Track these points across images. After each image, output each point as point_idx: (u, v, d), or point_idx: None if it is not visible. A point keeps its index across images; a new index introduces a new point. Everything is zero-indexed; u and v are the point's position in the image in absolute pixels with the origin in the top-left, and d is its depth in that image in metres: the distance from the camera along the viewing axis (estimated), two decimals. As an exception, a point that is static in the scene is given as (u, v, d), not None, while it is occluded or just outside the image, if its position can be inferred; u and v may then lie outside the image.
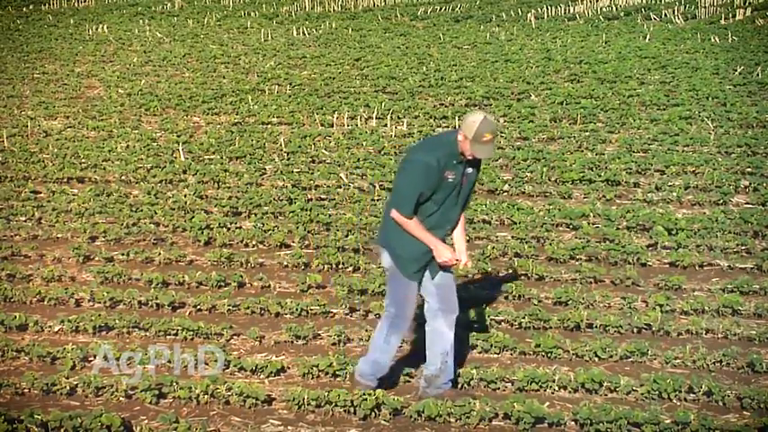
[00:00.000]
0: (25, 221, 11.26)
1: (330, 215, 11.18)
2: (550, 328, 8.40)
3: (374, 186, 12.19)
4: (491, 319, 8.52)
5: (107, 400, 7.26)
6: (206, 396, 7.18)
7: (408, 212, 6.82)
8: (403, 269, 6.96)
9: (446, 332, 7.07)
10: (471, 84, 18.00)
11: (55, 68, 20.66)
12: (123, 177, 12.83)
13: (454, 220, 7.04)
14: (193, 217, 11.11)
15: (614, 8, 28.80)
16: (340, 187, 12.25)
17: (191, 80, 19.16)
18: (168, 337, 8.32)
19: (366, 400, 6.99)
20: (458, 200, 6.95)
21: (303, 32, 25.00)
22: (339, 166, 13.12)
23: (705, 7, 28.12)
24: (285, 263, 9.92)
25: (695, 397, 7.22)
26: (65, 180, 12.79)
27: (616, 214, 10.99)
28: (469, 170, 6.91)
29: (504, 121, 15.46)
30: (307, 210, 11.28)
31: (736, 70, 18.70)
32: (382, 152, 13.75)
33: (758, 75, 18.26)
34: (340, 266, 9.79)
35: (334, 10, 29.77)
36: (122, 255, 10.13)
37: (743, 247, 10.07)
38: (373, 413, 6.98)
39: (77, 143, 14.52)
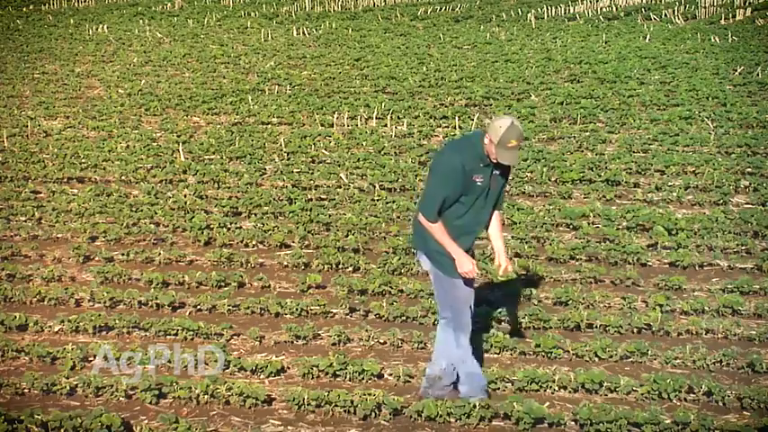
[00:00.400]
0: (25, 221, 11.26)
1: (330, 215, 11.18)
2: (550, 328, 8.40)
3: (374, 186, 12.19)
4: (491, 320, 8.52)
5: (107, 400, 7.26)
6: (206, 396, 7.18)
7: (432, 217, 6.72)
8: (444, 269, 6.83)
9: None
10: (471, 84, 18.00)
11: (55, 68, 20.67)
12: (123, 177, 12.83)
13: (485, 221, 6.93)
14: (193, 217, 11.11)
15: (614, 8, 28.82)
16: (340, 187, 12.25)
17: (191, 80, 19.17)
18: (168, 337, 8.32)
19: (366, 400, 6.99)
20: (486, 202, 6.83)
21: (303, 32, 25.00)
22: (339, 166, 13.12)
23: (705, 7, 28.13)
24: (285, 263, 9.92)
25: (695, 397, 7.22)
26: (65, 180, 12.80)
27: (616, 214, 10.98)
28: (497, 172, 6.79)
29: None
30: (307, 210, 11.28)
31: (736, 70, 18.70)
32: (382, 152, 13.75)
33: (758, 75, 18.26)
34: (340, 266, 9.79)
35: (334, 10, 29.78)
36: (122, 255, 10.13)
37: (743, 247, 10.07)
38: (373, 413, 6.98)
39: (77, 143, 14.53)
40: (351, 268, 9.77)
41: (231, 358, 7.81)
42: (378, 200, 11.69)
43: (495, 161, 6.70)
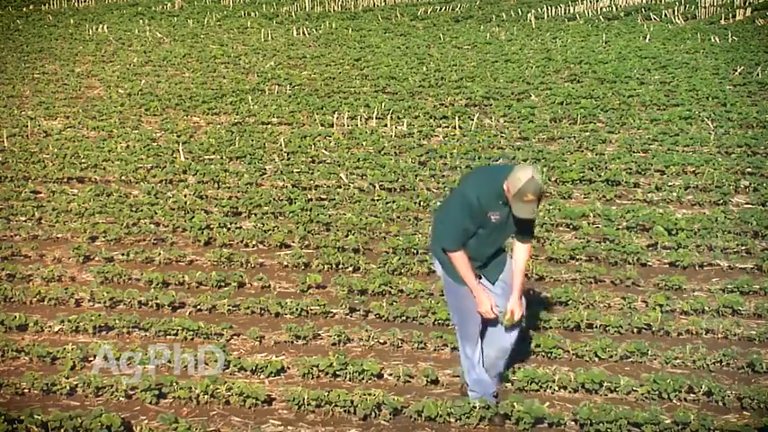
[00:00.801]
0: (25, 221, 11.26)
1: (330, 215, 11.18)
2: (550, 328, 8.40)
3: (374, 186, 12.19)
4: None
5: (107, 400, 7.26)
6: (206, 396, 7.18)
7: (454, 247, 6.63)
8: (455, 277, 6.78)
9: (505, 336, 6.93)
10: (471, 84, 18.00)
11: (55, 68, 20.67)
12: (123, 177, 12.83)
13: (498, 245, 6.81)
14: (193, 217, 11.11)
15: (614, 8, 28.83)
16: (340, 187, 12.25)
17: (191, 80, 19.17)
18: (168, 337, 8.32)
19: (366, 400, 6.99)
20: (503, 232, 6.70)
21: (303, 32, 25.00)
22: (339, 166, 13.12)
23: (705, 7, 28.13)
24: (285, 263, 9.92)
25: (695, 397, 7.22)
26: (65, 180, 12.80)
27: (616, 214, 10.98)
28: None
29: (504, 122, 15.47)
30: (307, 210, 11.28)
31: (736, 70, 18.70)
32: (382, 152, 13.75)
33: (758, 75, 18.26)
34: (340, 266, 9.79)
35: (334, 10, 29.78)
36: (122, 255, 10.13)
37: (743, 247, 10.06)
38: (373, 413, 6.98)
39: (77, 143, 14.53)
40: (351, 268, 9.77)
41: (231, 358, 7.81)
42: (378, 200, 11.69)
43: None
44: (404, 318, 8.58)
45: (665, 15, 27.08)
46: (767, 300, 8.92)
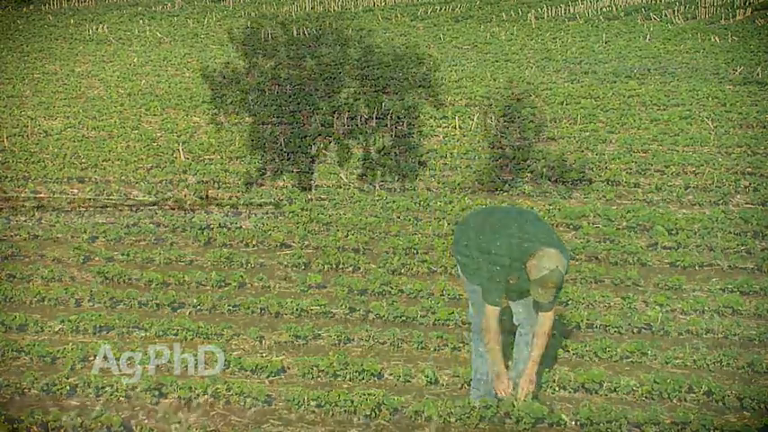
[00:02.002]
0: (25, 221, 11.26)
1: (330, 215, 11.18)
2: (550, 328, 8.39)
3: (374, 186, 12.18)
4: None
5: (107, 400, 7.26)
6: (206, 396, 7.18)
7: (491, 300, 6.57)
8: (470, 276, 6.77)
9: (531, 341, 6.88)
10: (471, 84, 18.00)
11: (55, 68, 20.67)
12: (123, 177, 12.83)
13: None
14: (193, 217, 11.11)
15: (614, 8, 28.82)
16: (340, 187, 12.25)
17: (191, 80, 19.17)
18: (168, 337, 8.32)
19: (366, 400, 6.99)
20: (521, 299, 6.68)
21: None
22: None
23: (705, 7, 28.12)
24: (285, 263, 9.92)
25: (695, 397, 7.22)
26: (65, 180, 12.80)
27: (616, 214, 10.98)
28: None
29: (504, 121, 15.47)
30: (307, 210, 11.28)
31: (736, 70, 18.70)
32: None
33: (758, 75, 18.26)
34: (340, 266, 9.78)
35: (334, 10, 29.78)
36: (122, 255, 10.13)
37: (743, 247, 10.06)
38: (373, 413, 6.97)
39: (77, 143, 14.53)
40: (351, 268, 9.76)
41: (231, 358, 7.80)
42: (378, 200, 11.68)
43: None
44: (404, 318, 8.58)
45: (665, 15, 27.08)
46: (767, 300, 8.92)
